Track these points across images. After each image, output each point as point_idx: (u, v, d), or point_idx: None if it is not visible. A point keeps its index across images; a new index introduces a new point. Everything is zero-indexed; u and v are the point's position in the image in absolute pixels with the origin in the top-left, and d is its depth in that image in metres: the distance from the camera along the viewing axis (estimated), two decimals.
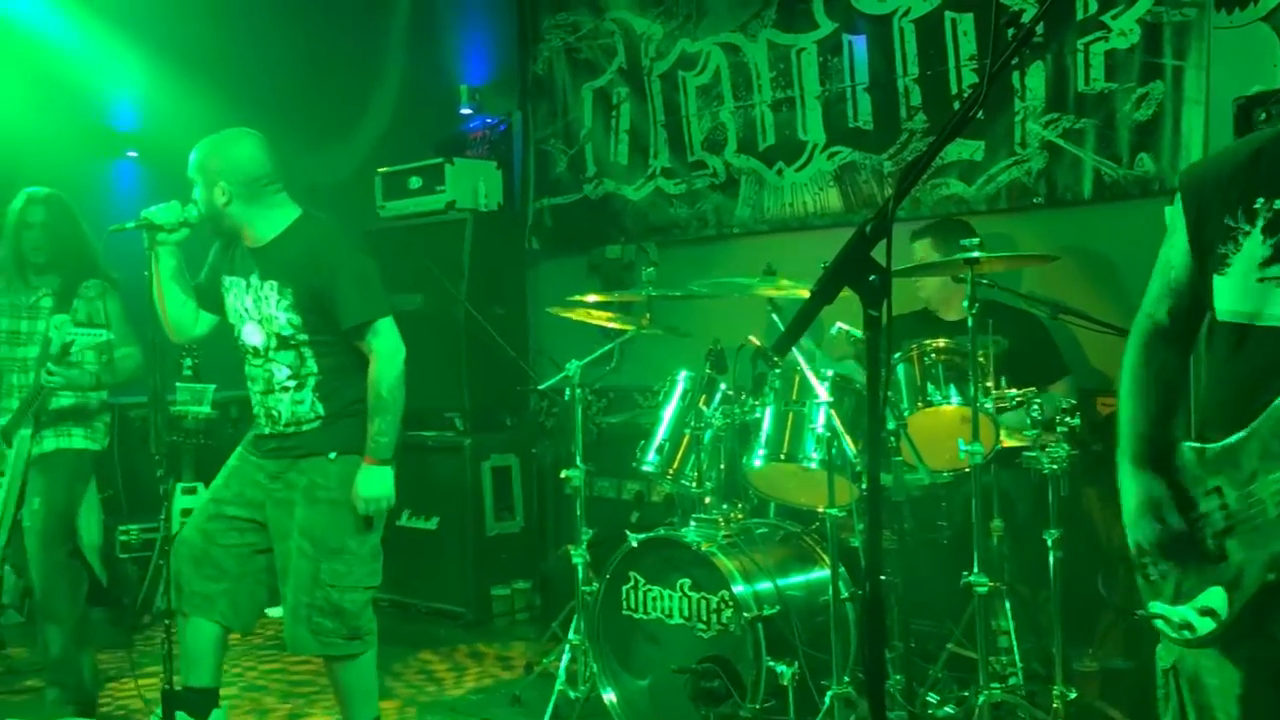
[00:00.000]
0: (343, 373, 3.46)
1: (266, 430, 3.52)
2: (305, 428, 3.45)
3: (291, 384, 3.45)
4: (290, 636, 3.47)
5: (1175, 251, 2.15)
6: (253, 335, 3.47)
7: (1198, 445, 2.10)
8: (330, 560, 3.39)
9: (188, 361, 5.67)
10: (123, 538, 5.67)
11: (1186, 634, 2.07)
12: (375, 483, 3.41)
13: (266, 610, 3.84)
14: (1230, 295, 2.02)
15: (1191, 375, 2.55)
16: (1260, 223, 1.98)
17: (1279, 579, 1.92)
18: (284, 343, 3.42)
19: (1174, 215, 2.16)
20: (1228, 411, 2.05)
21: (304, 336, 3.41)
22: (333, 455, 3.42)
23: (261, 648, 5.20)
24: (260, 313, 3.44)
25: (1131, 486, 2.16)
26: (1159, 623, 2.13)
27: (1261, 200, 1.99)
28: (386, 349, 3.43)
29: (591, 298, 4.44)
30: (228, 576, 3.52)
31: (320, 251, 3.41)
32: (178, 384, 6.02)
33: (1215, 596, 2.02)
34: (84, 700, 4.16)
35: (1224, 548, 2.02)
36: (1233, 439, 2.01)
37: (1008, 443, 3.62)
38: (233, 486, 3.54)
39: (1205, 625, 2.03)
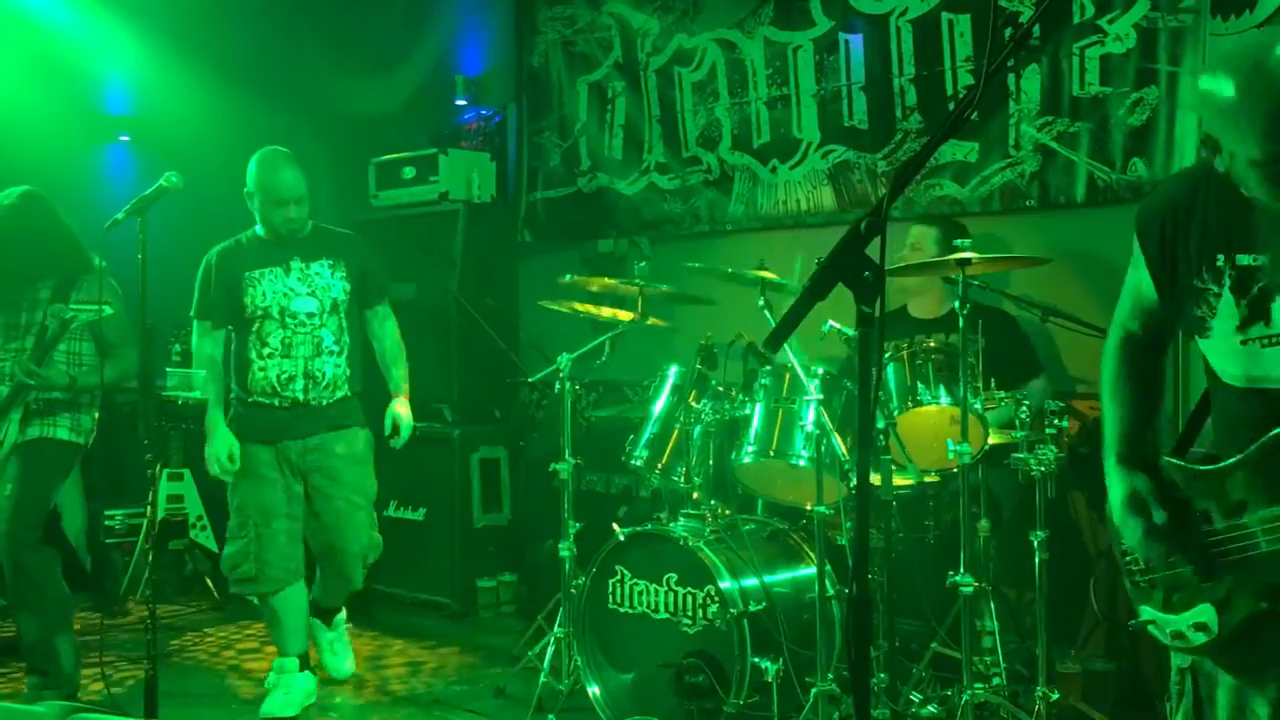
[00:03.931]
0: (354, 353, 4.28)
1: (301, 396, 4.10)
2: (338, 394, 4.18)
3: (336, 349, 4.18)
4: (340, 584, 4.33)
5: (1145, 284, 2.18)
6: (306, 304, 4.12)
7: (1179, 463, 2.12)
8: (369, 510, 4.29)
9: (176, 347, 5.64)
10: (108, 523, 5.66)
11: (1179, 643, 2.09)
12: (411, 415, 4.41)
13: None
14: (1221, 359, 2.05)
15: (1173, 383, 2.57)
16: (1228, 282, 2.00)
17: (1271, 607, 1.95)
18: (336, 308, 4.18)
19: (1138, 250, 2.19)
20: (1223, 438, 2.09)
21: (348, 305, 4.22)
22: (359, 429, 4.26)
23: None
24: (313, 285, 4.16)
25: (1116, 483, 2.18)
26: (1151, 628, 2.15)
27: (1222, 257, 2.01)
28: (393, 311, 4.49)
29: (592, 287, 4.47)
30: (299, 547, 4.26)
31: (354, 239, 4.42)
32: (167, 369, 5.98)
33: (1206, 613, 2.04)
34: (65, 684, 4.13)
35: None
36: (1221, 465, 2.03)
37: (995, 440, 3.63)
38: (277, 492, 4.13)
39: (1198, 639, 2.05)
